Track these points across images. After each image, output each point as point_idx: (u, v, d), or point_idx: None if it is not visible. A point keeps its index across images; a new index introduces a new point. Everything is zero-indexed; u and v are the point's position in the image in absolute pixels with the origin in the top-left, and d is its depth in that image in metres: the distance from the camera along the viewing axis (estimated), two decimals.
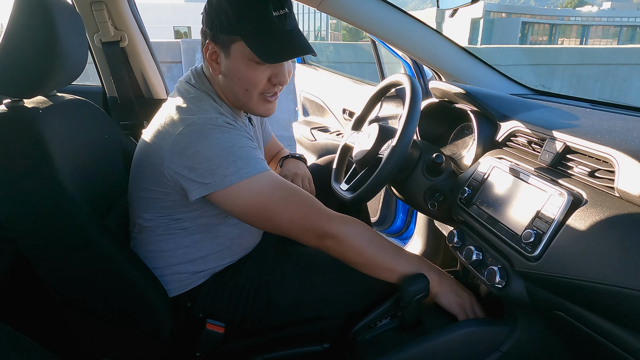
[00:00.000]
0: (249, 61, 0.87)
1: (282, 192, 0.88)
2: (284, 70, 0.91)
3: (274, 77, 0.90)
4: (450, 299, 0.93)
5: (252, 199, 0.86)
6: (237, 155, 0.84)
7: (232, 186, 0.83)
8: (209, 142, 0.83)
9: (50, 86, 0.86)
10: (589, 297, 0.64)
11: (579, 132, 0.79)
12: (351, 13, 1.21)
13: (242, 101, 0.93)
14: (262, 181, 0.86)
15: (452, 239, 0.94)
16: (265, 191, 0.86)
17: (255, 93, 0.91)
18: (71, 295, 0.89)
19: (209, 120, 0.86)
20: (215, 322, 0.94)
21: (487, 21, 41.45)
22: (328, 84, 2.15)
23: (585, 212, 0.67)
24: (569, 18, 47.80)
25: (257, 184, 0.85)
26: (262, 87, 0.91)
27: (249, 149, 0.87)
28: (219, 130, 0.85)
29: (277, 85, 0.92)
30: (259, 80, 0.89)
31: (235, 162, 0.83)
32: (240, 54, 0.87)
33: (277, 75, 0.90)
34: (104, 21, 1.48)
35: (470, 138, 1.11)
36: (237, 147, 0.85)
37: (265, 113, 0.96)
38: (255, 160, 0.86)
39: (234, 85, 0.91)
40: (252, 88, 0.90)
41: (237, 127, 0.90)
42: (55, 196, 0.80)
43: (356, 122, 1.19)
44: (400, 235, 1.83)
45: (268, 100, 0.94)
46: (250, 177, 0.84)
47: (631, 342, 0.60)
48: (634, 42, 44.17)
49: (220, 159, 0.83)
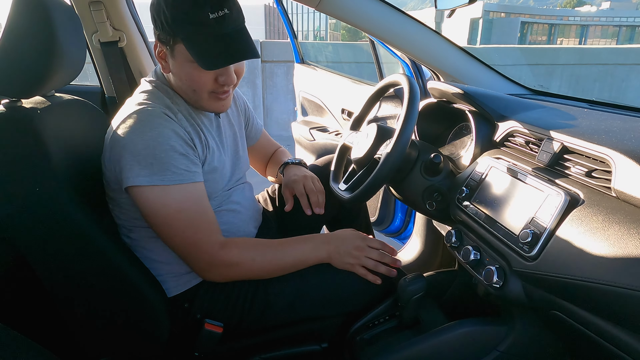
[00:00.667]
0: (192, 63, 0.85)
1: (187, 214, 0.87)
2: (229, 72, 0.89)
3: (220, 78, 0.89)
4: (343, 261, 0.97)
5: (157, 208, 0.85)
6: (157, 158, 0.82)
7: (141, 187, 0.83)
8: (135, 137, 0.83)
9: (49, 86, 0.87)
10: (585, 297, 0.65)
11: (576, 132, 0.80)
12: (350, 13, 1.21)
13: (192, 99, 0.93)
14: (173, 195, 0.85)
15: (450, 239, 0.94)
16: (172, 205, 0.85)
17: (203, 93, 0.90)
18: (69, 295, 0.89)
19: (148, 113, 0.86)
20: (214, 322, 0.94)
21: (486, 21, 41.46)
22: (327, 83, 2.15)
23: (582, 212, 0.67)
24: (567, 18, 47.84)
25: (167, 196, 0.84)
26: (209, 87, 0.90)
27: (175, 155, 0.84)
28: (151, 125, 0.84)
29: (225, 85, 0.91)
30: (204, 81, 0.88)
31: (152, 165, 0.82)
32: (182, 56, 0.86)
33: (222, 75, 0.89)
34: (103, 21, 1.48)
35: (469, 138, 1.12)
36: (160, 149, 0.83)
37: (219, 110, 0.95)
38: (174, 169, 0.84)
39: (182, 85, 0.91)
40: (199, 89, 0.89)
41: (178, 123, 0.88)
42: (53, 196, 0.80)
43: (354, 122, 1.19)
44: (399, 235, 1.83)
45: (220, 98, 0.93)
46: (161, 185, 0.83)
47: (627, 341, 0.60)
48: (633, 42, 44.23)
49: (140, 157, 0.82)
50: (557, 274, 0.67)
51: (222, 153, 1.01)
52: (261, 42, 4.97)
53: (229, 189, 1.05)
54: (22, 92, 0.83)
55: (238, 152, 1.11)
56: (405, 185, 1.02)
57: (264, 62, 5.03)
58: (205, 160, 0.94)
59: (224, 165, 1.00)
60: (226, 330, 0.95)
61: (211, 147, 0.96)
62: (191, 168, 0.87)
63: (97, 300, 0.90)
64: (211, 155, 0.96)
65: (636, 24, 47.27)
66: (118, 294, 0.89)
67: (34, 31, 0.79)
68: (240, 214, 1.06)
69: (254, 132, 1.26)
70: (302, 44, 2.51)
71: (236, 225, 1.04)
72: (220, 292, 0.97)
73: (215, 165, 0.96)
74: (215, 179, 0.97)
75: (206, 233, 0.89)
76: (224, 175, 1.01)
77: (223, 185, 1.01)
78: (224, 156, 1.02)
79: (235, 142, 1.10)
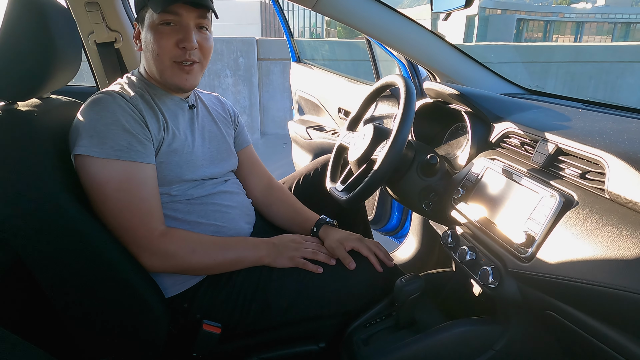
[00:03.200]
0: (156, 26, 0.92)
1: (126, 195, 0.87)
2: (189, 37, 0.92)
3: (180, 42, 0.92)
4: (283, 262, 1.00)
5: (95, 182, 0.85)
6: (98, 130, 0.85)
7: (81, 156, 0.84)
8: (82, 114, 0.87)
9: (45, 89, 0.86)
10: (579, 298, 0.65)
11: (571, 133, 0.80)
12: (346, 14, 1.22)
13: (158, 69, 0.96)
14: (112, 171, 0.85)
15: (445, 240, 0.95)
16: (110, 183, 0.85)
17: (166, 59, 0.94)
18: (66, 297, 0.89)
19: (100, 94, 0.90)
20: (212, 322, 0.95)
21: (482, 18, 41.46)
22: (323, 82, 2.16)
23: (576, 213, 0.68)
24: (563, 15, 47.91)
25: (105, 170, 0.85)
26: (171, 52, 0.93)
27: (118, 130, 0.86)
28: (99, 101, 0.88)
29: (187, 52, 0.93)
30: (164, 44, 0.92)
31: (92, 137, 0.84)
32: (149, 21, 0.93)
33: (182, 40, 0.92)
34: (99, 22, 1.48)
35: (465, 138, 1.12)
36: (102, 122, 0.85)
37: (182, 84, 0.97)
38: (112, 143, 0.85)
39: (149, 54, 0.95)
40: (162, 53, 0.93)
41: (128, 101, 0.91)
42: (50, 198, 0.80)
43: (351, 122, 1.19)
44: (395, 234, 1.84)
45: (183, 69, 0.95)
46: (99, 157, 0.84)
47: (620, 341, 0.61)
48: (628, 39, 44.38)
49: (84, 130, 0.85)
50: (552, 275, 0.68)
51: (192, 140, 1.02)
52: (257, 40, 4.96)
53: (206, 179, 1.04)
54: (18, 95, 0.83)
55: (220, 148, 1.10)
56: (401, 185, 1.03)
57: (260, 60, 5.02)
58: (163, 141, 0.95)
59: (191, 151, 1.00)
60: (224, 330, 0.96)
61: (171, 129, 0.97)
62: (135, 146, 0.87)
63: (94, 301, 0.90)
64: (171, 137, 0.96)
65: (631, 21, 47.43)
66: (116, 294, 0.89)
67: (30, 34, 0.78)
68: (230, 208, 1.06)
69: (239, 141, 1.23)
70: (298, 42, 2.51)
71: (226, 222, 1.04)
72: (221, 291, 0.98)
73: (175, 147, 0.96)
74: (178, 163, 0.97)
75: (145, 219, 0.89)
76: (191, 161, 0.99)
77: (195, 172, 1.00)
78: (197, 144, 1.03)
79: (217, 138, 1.11)
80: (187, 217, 0.99)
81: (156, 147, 0.93)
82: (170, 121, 0.97)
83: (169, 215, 0.97)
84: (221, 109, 1.19)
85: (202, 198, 1.01)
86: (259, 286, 0.98)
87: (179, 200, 0.98)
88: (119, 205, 0.87)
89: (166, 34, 0.92)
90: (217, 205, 1.03)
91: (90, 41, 1.52)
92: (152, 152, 0.92)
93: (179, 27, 0.92)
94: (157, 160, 0.93)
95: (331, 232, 1.10)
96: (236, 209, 1.08)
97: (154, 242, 0.90)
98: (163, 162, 0.94)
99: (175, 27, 0.92)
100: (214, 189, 1.04)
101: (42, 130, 0.83)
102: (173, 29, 0.92)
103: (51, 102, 0.94)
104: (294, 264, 1.00)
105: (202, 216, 1.00)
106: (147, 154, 0.90)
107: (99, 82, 1.65)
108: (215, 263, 0.96)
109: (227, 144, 1.14)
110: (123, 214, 0.87)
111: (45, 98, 0.94)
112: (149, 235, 0.89)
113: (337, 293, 1.01)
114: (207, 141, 1.07)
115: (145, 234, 0.89)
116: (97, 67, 1.60)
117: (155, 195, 0.92)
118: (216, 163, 1.08)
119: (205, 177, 1.03)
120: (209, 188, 1.03)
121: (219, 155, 1.09)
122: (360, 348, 0.95)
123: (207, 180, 1.04)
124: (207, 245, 0.96)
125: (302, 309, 1.00)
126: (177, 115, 1.01)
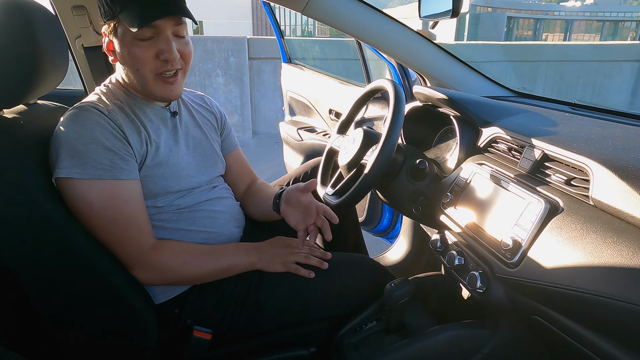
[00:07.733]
0: (132, 40, 0.88)
1: (112, 213, 0.86)
2: (170, 48, 0.89)
3: (160, 54, 0.89)
4: (275, 267, 1.00)
5: (80, 203, 0.84)
6: (78, 150, 0.83)
7: (63, 179, 0.83)
8: (60, 131, 0.85)
9: (31, 95, 0.85)
10: (564, 304, 0.66)
11: (557, 140, 0.81)
12: (336, 17, 1.21)
13: (140, 84, 0.93)
14: (96, 190, 0.84)
15: (435, 244, 0.96)
16: (95, 203, 0.84)
17: (147, 72, 0.90)
18: (52, 304, 0.88)
19: (78, 108, 0.87)
20: (203, 328, 0.94)
21: (473, 16, 41.62)
22: (314, 84, 2.15)
23: (562, 220, 0.69)
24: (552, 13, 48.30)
25: (88, 191, 0.84)
26: (152, 65, 0.90)
27: (98, 148, 0.84)
28: (77, 118, 0.86)
29: (169, 63, 0.90)
30: (144, 57, 0.89)
31: (73, 157, 0.82)
32: (123, 35, 0.88)
33: (163, 52, 0.89)
34: (86, 26, 1.46)
35: (454, 141, 1.13)
36: (81, 142, 0.83)
37: (168, 95, 0.94)
38: (94, 163, 0.83)
39: (128, 69, 0.92)
40: (142, 67, 0.89)
41: (107, 116, 0.88)
42: (37, 205, 0.79)
43: (341, 125, 1.19)
44: (386, 235, 1.85)
45: (166, 81, 0.92)
46: (80, 178, 0.83)
47: (604, 347, 0.62)
48: (616, 37, 44.84)
49: (63, 149, 0.83)
50: (538, 281, 0.68)
51: (176, 150, 0.99)
52: (248, 39, 4.94)
53: (193, 188, 1.02)
54: (3, 102, 0.82)
55: (206, 154, 1.08)
56: (391, 189, 1.04)
57: (251, 59, 5.00)
58: (147, 155, 0.93)
59: (176, 162, 0.98)
60: (215, 336, 0.95)
61: (154, 142, 0.94)
62: (117, 164, 0.86)
63: (83, 308, 0.90)
64: (154, 151, 0.94)
65: (619, 19, 47.92)
66: (105, 302, 0.89)
67: (15, 39, 0.77)
68: (219, 214, 1.05)
69: (226, 145, 1.21)
70: (289, 41, 2.51)
71: (216, 227, 1.03)
72: (212, 296, 0.97)
73: (159, 160, 0.95)
74: (162, 175, 0.95)
75: (133, 234, 0.88)
76: (176, 172, 0.98)
77: (180, 182, 0.99)
78: (181, 154, 1.00)
79: (202, 145, 1.08)
80: (175, 226, 0.98)
81: (139, 162, 0.92)
82: (152, 133, 0.95)
83: (157, 225, 0.96)
84: (206, 111, 1.15)
85: (190, 207, 1.00)
86: (250, 291, 0.98)
87: (166, 210, 0.97)
88: (106, 223, 0.86)
89: (145, 47, 0.88)
90: (206, 212, 1.02)
91: (77, 45, 1.50)
92: (135, 167, 0.90)
93: (157, 39, 0.89)
94: (141, 174, 0.92)
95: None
96: (225, 214, 1.07)
97: (144, 256, 0.89)
98: (147, 175, 0.93)
99: (154, 38, 0.89)
100: (201, 197, 1.03)
101: (27, 138, 0.82)
102: (152, 42, 0.89)
103: (38, 108, 0.93)
104: (287, 268, 1.00)
105: (191, 224, 0.99)
106: (130, 170, 0.88)
107: (87, 86, 1.63)
108: (207, 272, 0.96)
109: (213, 149, 1.11)
110: (111, 231, 0.87)
111: (31, 104, 0.93)
112: (139, 250, 0.89)
113: (328, 297, 1.02)
114: (191, 149, 1.05)
115: (134, 249, 0.89)
116: (84, 71, 1.58)
117: (142, 210, 0.91)
118: (202, 171, 1.05)
119: (191, 186, 1.02)
120: (196, 196, 1.02)
121: (205, 162, 1.07)
122: (351, 352, 0.96)
123: (194, 189, 1.02)
124: (198, 255, 0.96)
125: (293, 313, 1.00)
126: (159, 127, 0.98)
